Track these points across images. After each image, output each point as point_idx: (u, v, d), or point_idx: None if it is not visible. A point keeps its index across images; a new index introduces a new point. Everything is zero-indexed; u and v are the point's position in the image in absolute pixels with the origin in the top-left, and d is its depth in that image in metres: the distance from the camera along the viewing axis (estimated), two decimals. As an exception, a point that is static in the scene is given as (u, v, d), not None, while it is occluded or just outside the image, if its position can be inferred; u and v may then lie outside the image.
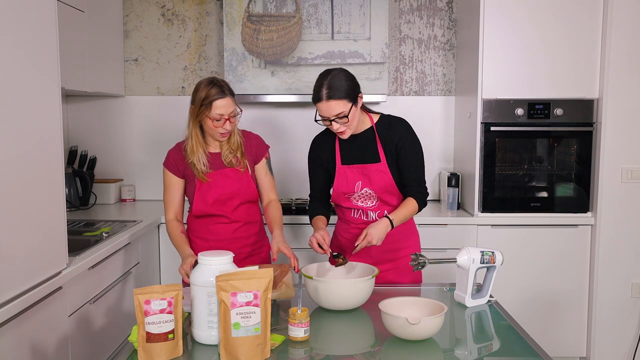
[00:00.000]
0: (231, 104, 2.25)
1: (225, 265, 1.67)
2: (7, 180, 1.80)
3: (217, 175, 2.33)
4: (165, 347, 1.58)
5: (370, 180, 2.29)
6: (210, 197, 2.33)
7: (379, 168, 2.27)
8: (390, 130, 2.29)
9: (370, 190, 2.29)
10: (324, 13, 3.40)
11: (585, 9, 3.15)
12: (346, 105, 2.16)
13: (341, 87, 2.15)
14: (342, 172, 2.32)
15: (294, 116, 3.65)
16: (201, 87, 2.25)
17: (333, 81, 2.16)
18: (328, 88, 2.15)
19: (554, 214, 3.27)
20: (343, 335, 1.82)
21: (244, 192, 2.36)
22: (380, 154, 2.28)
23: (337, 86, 2.15)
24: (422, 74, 3.69)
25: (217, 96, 2.21)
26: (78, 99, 3.67)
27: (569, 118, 3.21)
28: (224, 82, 2.29)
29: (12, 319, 1.81)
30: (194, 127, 2.30)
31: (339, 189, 2.34)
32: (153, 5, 3.65)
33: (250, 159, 2.39)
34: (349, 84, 2.18)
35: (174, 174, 2.37)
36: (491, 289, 2.08)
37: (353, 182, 2.31)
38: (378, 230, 2.14)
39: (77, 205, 3.40)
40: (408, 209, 2.25)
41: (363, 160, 2.30)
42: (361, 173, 2.30)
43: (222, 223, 2.36)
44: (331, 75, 2.18)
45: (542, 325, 3.27)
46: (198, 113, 2.25)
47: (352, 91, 2.18)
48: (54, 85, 2.08)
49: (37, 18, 1.97)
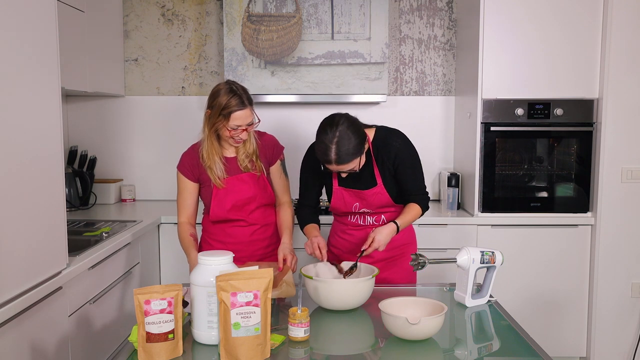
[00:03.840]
0: (249, 115, 2.20)
1: (225, 265, 1.67)
2: (7, 180, 1.79)
3: (233, 180, 2.30)
4: (165, 347, 1.58)
5: (367, 202, 2.30)
6: (228, 203, 2.30)
7: (375, 191, 2.27)
8: (385, 147, 2.26)
9: (368, 210, 2.31)
10: (324, 13, 3.40)
11: (585, 9, 3.15)
12: (356, 162, 2.11)
13: (350, 150, 2.06)
14: (339, 193, 2.32)
15: (294, 116, 3.65)
16: (221, 93, 2.18)
17: (340, 145, 2.04)
18: (337, 154, 2.05)
19: (554, 214, 3.27)
20: (343, 335, 1.82)
21: (260, 196, 2.34)
22: (377, 177, 2.27)
23: (346, 150, 2.05)
24: (422, 74, 3.70)
25: (236, 108, 2.16)
26: (78, 99, 3.67)
27: (569, 118, 3.21)
28: (244, 90, 2.22)
29: (12, 319, 1.81)
30: (210, 133, 2.26)
31: (336, 206, 2.34)
32: (153, 5, 3.65)
33: (265, 161, 2.36)
34: (356, 141, 2.07)
35: (189, 179, 2.33)
36: (491, 289, 2.08)
37: (350, 204, 2.32)
38: (383, 235, 2.15)
39: (77, 205, 3.40)
40: (412, 214, 2.27)
41: (359, 186, 2.28)
42: (357, 196, 2.30)
43: (240, 226, 2.35)
44: (338, 138, 2.04)
45: (542, 325, 3.27)
46: (215, 121, 2.20)
47: (360, 146, 2.09)
48: (54, 85, 2.07)
49: (37, 18, 1.97)
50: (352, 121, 2.11)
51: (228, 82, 2.24)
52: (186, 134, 3.64)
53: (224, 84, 2.23)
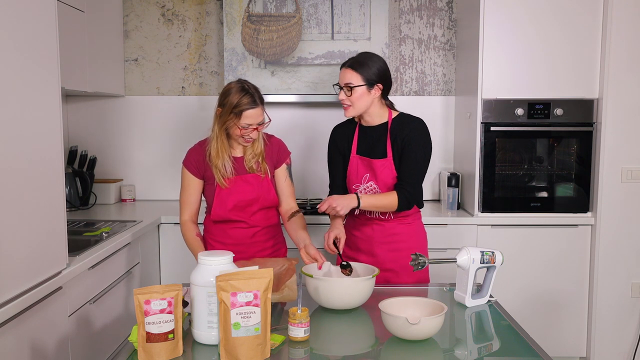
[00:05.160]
0: (260, 114, 2.21)
1: (225, 265, 1.67)
2: (7, 180, 1.79)
3: (237, 180, 2.30)
4: (165, 347, 1.58)
5: (375, 175, 2.30)
6: (230, 203, 2.29)
7: (384, 164, 2.28)
8: (402, 126, 2.30)
9: (375, 184, 2.30)
10: (324, 13, 3.40)
11: (585, 9, 3.15)
12: (358, 80, 2.23)
13: (365, 65, 2.24)
14: (354, 162, 2.36)
15: (294, 116, 3.65)
16: (232, 92, 2.19)
17: (364, 57, 2.28)
18: (355, 59, 2.27)
19: (554, 214, 3.26)
20: (343, 335, 1.82)
21: (263, 198, 2.33)
22: (388, 150, 2.29)
23: (363, 62, 2.24)
24: (422, 74, 3.69)
25: (248, 106, 2.17)
26: (78, 99, 3.67)
27: (569, 118, 3.21)
28: (255, 89, 2.24)
29: (12, 319, 1.81)
30: (220, 132, 2.25)
31: (349, 178, 2.37)
32: (153, 5, 3.65)
33: (271, 164, 2.36)
34: (374, 69, 2.25)
35: (194, 175, 2.33)
36: (491, 289, 2.08)
37: (361, 174, 2.34)
38: (342, 199, 2.17)
39: (77, 205, 3.40)
40: (384, 199, 2.24)
41: (372, 155, 2.32)
42: (368, 166, 2.32)
43: (241, 228, 2.34)
44: (368, 54, 2.30)
45: (542, 325, 3.27)
46: (226, 119, 2.21)
47: (373, 75, 2.24)
48: (54, 85, 2.07)
49: (37, 18, 1.97)
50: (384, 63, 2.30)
51: (240, 81, 2.25)
52: (186, 134, 3.65)
53: (236, 83, 2.23)
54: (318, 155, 3.43)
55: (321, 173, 3.40)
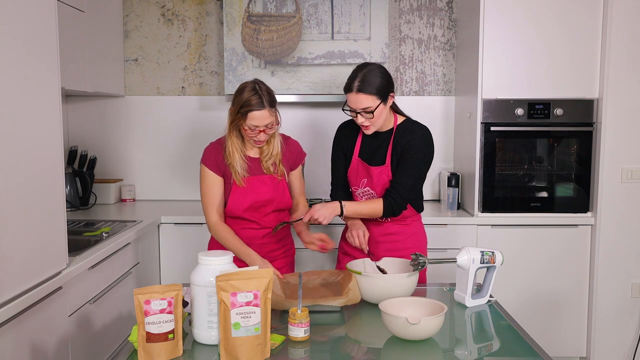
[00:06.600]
0: (268, 116, 2.18)
1: (225, 265, 1.67)
2: (7, 180, 1.80)
3: (254, 180, 2.29)
4: (165, 347, 1.58)
5: (372, 181, 2.30)
6: (246, 202, 2.28)
7: (382, 170, 2.28)
8: (404, 134, 2.28)
9: (371, 190, 2.30)
10: (324, 13, 3.40)
11: (585, 9, 3.15)
12: (374, 101, 2.17)
13: (373, 83, 2.16)
14: (355, 165, 2.36)
15: (294, 116, 3.65)
16: (244, 91, 2.18)
17: (367, 75, 2.17)
18: (361, 81, 2.16)
19: (554, 214, 3.26)
20: (343, 335, 1.82)
21: (278, 200, 2.33)
22: (387, 157, 2.29)
23: (370, 81, 2.16)
24: (422, 74, 3.70)
25: (254, 107, 2.15)
26: (78, 99, 3.67)
27: (569, 118, 3.21)
28: (268, 91, 2.20)
29: (12, 319, 1.81)
30: (232, 130, 2.25)
31: (349, 180, 2.38)
32: (153, 5, 3.65)
33: (287, 166, 2.36)
34: (383, 81, 2.18)
35: (215, 173, 2.29)
36: (491, 289, 2.08)
37: (360, 178, 2.34)
38: (324, 208, 2.17)
39: (77, 205, 3.40)
40: (368, 206, 2.25)
41: (371, 162, 2.32)
42: (367, 172, 2.32)
43: (252, 228, 2.34)
44: (367, 69, 2.19)
45: (542, 325, 3.27)
46: (234, 118, 2.21)
47: (384, 89, 2.19)
48: (54, 85, 2.07)
49: (37, 18, 1.97)
50: (384, 68, 2.24)
51: (254, 81, 2.23)
52: (186, 134, 3.66)
53: (250, 82, 2.22)
54: (318, 156, 3.43)
55: (321, 173, 3.40)
